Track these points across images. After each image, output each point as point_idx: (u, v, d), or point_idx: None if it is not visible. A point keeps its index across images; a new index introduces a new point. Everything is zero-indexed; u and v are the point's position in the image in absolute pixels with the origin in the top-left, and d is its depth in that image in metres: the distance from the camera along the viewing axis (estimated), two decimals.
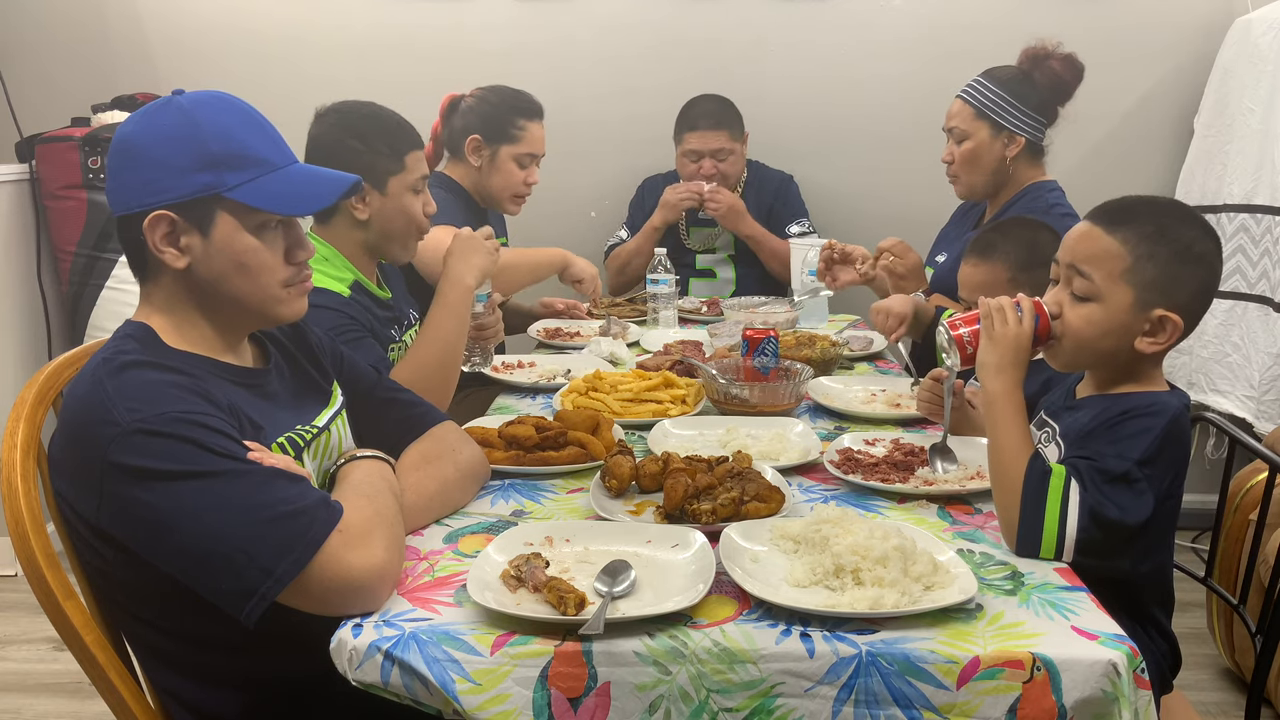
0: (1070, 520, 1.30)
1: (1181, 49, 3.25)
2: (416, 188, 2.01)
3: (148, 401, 1.16)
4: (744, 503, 1.42)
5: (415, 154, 2.00)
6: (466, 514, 1.47)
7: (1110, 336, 1.41)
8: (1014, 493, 1.33)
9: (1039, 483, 1.32)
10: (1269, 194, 2.89)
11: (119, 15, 3.38)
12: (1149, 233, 1.39)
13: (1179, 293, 1.38)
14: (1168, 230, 1.39)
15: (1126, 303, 1.39)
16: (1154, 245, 1.38)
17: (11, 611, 2.91)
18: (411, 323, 2.17)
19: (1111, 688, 1.09)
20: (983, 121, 2.38)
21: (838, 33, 3.33)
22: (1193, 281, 1.39)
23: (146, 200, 1.24)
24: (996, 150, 2.39)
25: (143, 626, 1.29)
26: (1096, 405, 1.43)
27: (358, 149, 1.92)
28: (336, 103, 2.00)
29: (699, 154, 3.08)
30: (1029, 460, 1.34)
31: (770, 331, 2.10)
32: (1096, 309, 1.40)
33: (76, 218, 3.07)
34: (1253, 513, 2.24)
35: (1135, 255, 1.38)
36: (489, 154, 2.65)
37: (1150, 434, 1.34)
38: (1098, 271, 1.40)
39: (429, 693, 1.11)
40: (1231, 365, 3.03)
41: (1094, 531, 1.30)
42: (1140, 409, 1.37)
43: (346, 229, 1.97)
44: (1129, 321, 1.39)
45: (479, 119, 2.64)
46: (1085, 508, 1.30)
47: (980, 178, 2.43)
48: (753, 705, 1.11)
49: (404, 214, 2.00)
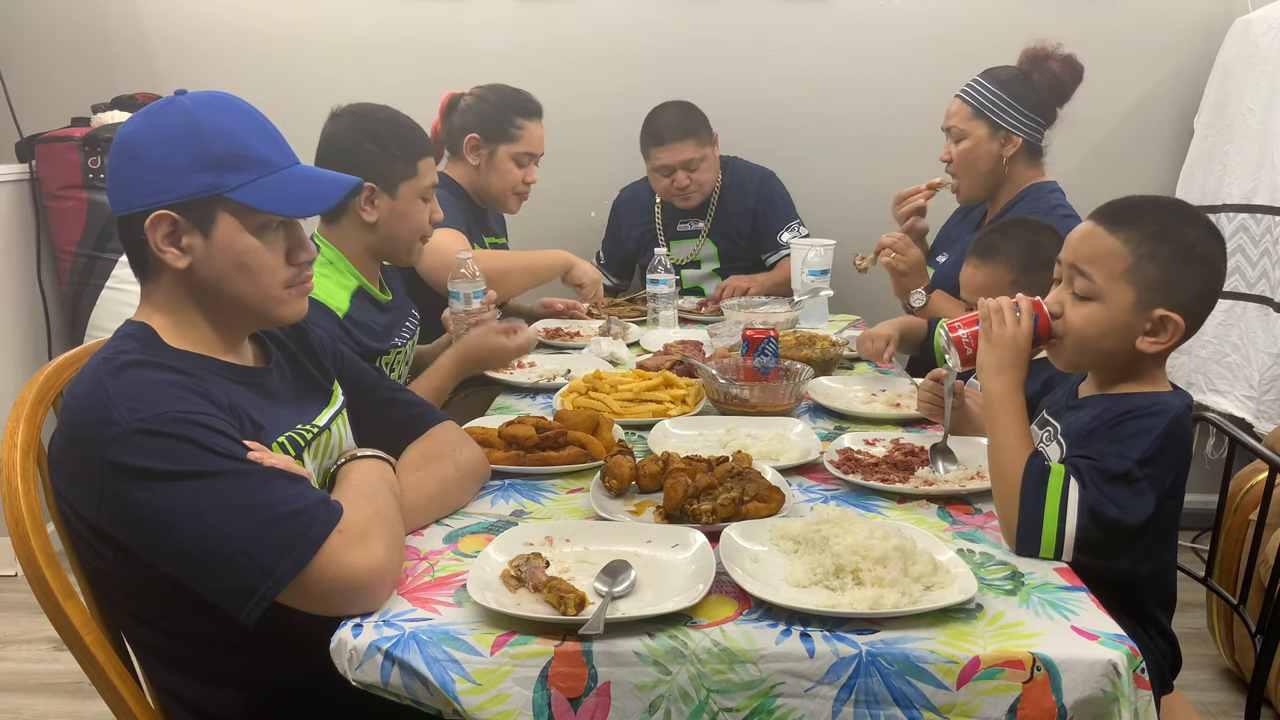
0: (1070, 519, 1.30)
1: (1181, 49, 3.25)
2: (426, 195, 2.01)
3: (148, 401, 1.16)
4: (744, 503, 1.42)
5: (427, 160, 2.01)
6: (466, 514, 1.47)
7: (1111, 336, 1.41)
8: (1013, 492, 1.33)
9: (1038, 481, 1.32)
10: (1269, 194, 2.89)
11: (119, 15, 3.38)
12: (1151, 232, 1.39)
13: (1180, 293, 1.38)
14: (1170, 230, 1.39)
15: (1128, 302, 1.39)
16: (1156, 245, 1.38)
17: (11, 611, 2.91)
18: (411, 325, 2.17)
19: (1111, 688, 1.09)
20: (980, 121, 2.39)
21: (837, 33, 3.33)
22: (1195, 282, 1.39)
23: (148, 200, 1.24)
24: (993, 150, 2.39)
25: (143, 626, 1.29)
26: (1098, 405, 1.43)
27: (373, 151, 1.92)
28: (353, 104, 2.00)
29: (670, 168, 3.00)
30: (1028, 459, 1.34)
31: (770, 331, 2.10)
32: (1097, 308, 1.40)
33: (76, 218, 3.07)
34: (1253, 513, 2.24)
35: (1137, 255, 1.38)
36: (487, 153, 2.64)
37: (1151, 434, 1.34)
38: (1099, 271, 1.40)
39: (429, 693, 1.11)
40: (1231, 365, 3.03)
41: (1094, 530, 1.30)
42: (1142, 409, 1.37)
43: (353, 231, 1.97)
44: (1130, 321, 1.39)
45: (477, 118, 2.64)
46: (1085, 506, 1.30)
47: (977, 178, 2.43)
48: (753, 705, 1.11)
49: (412, 219, 2.00)
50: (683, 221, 3.17)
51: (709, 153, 3.04)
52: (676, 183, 3.02)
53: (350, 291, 1.96)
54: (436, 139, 2.70)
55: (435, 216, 2.05)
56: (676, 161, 2.99)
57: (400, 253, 2.04)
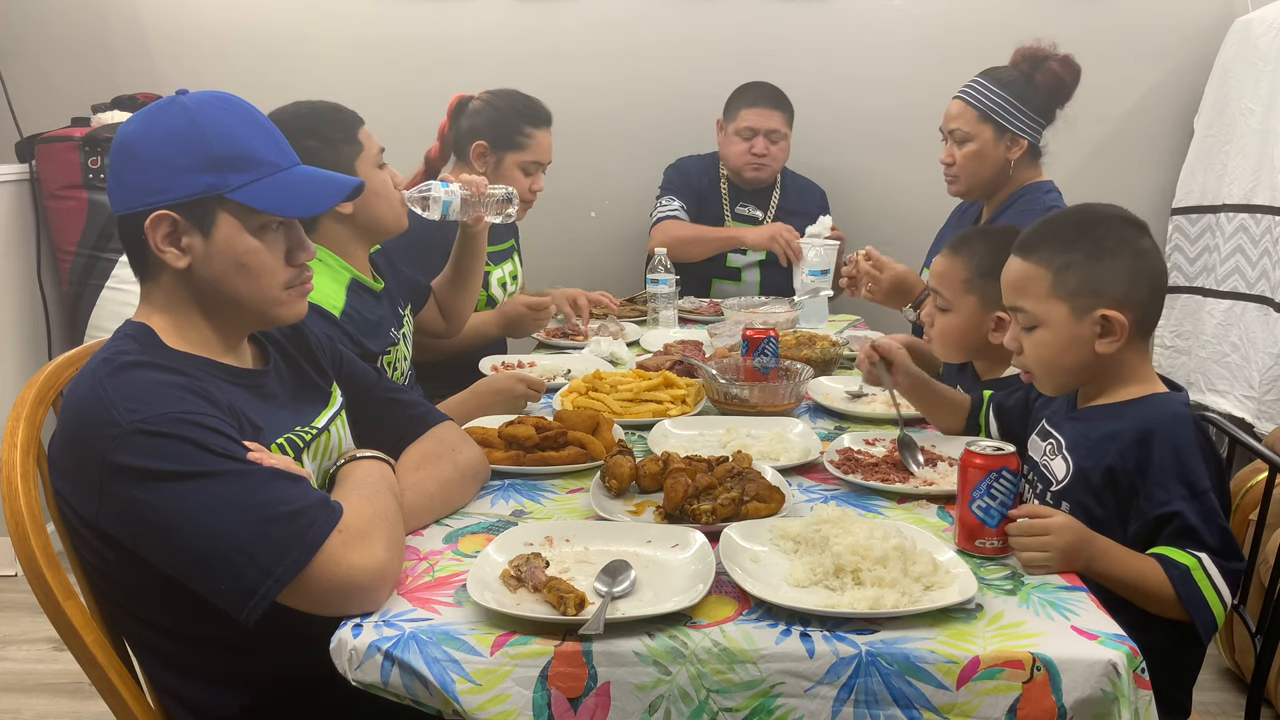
0: (1223, 589, 1.32)
1: (1181, 49, 3.26)
2: (379, 162, 2.00)
3: (147, 402, 1.16)
4: (744, 503, 1.42)
5: (364, 129, 1.98)
6: (466, 514, 1.47)
7: (1068, 352, 1.44)
8: (1177, 607, 1.32)
9: (1190, 589, 1.31)
10: (1269, 194, 2.89)
11: (119, 15, 3.39)
12: (1058, 245, 1.44)
13: (1110, 288, 1.41)
14: (1075, 237, 1.44)
15: (1065, 316, 1.43)
16: (1067, 254, 1.42)
17: (11, 611, 2.91)
18: (401, 313, 2.16)
19: (1111, 688, 1.09)
20: (987, 124, 2.37)
21: (838, 33, 3.33)
22: (1119, 273, 1.42)
23: (148, 200, 1.24)
24: (1000, 152, 2.38)
25: (143, 626, 1.29)
26: (1103, 419, 1.44)
27: (316, 146, 1.87)
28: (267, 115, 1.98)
29: (754, 130, 3.07)
30: (1167, 575, 1.32)
31: (770, 331, 2.10)
32: (1043, 333, 1.45)
33: (76, 218, 3.07)
34: (1253, 513, 2.24)
35: (1053, 270, 1.43)
36: (494, 160, 2.60)
37: (1190, 452, 1.35)
38: (1029, 299, 1.45)
39: (429, 693, 1.11)
40: (1231, 365, 3.03)
41: (1231, 567, 1.33)
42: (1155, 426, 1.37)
43: (334, 226, 1.96)
44: (1077, 332, 1.43)
45: (486, 124, 2.60)
46: (1222, 570, 1.32)
47: (982, 179, 2.42)
48: (753, 705, 1.11)
49: (382, 191, 1.99)
50: (742, 204, 3.19)
51: (788, 135, 3.13)
52: (755, 148, 3.08)
53: (345, 286, 1.95)
54: (444, 140, 2.69)
55: (398, 179, 2.04)
56: (763, 126, 3.08)
57: (387, 226, 2.03)
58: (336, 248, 1.98)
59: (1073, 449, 1.45)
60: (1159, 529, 1.35)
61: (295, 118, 1.91)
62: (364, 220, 1.98)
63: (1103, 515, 1.37)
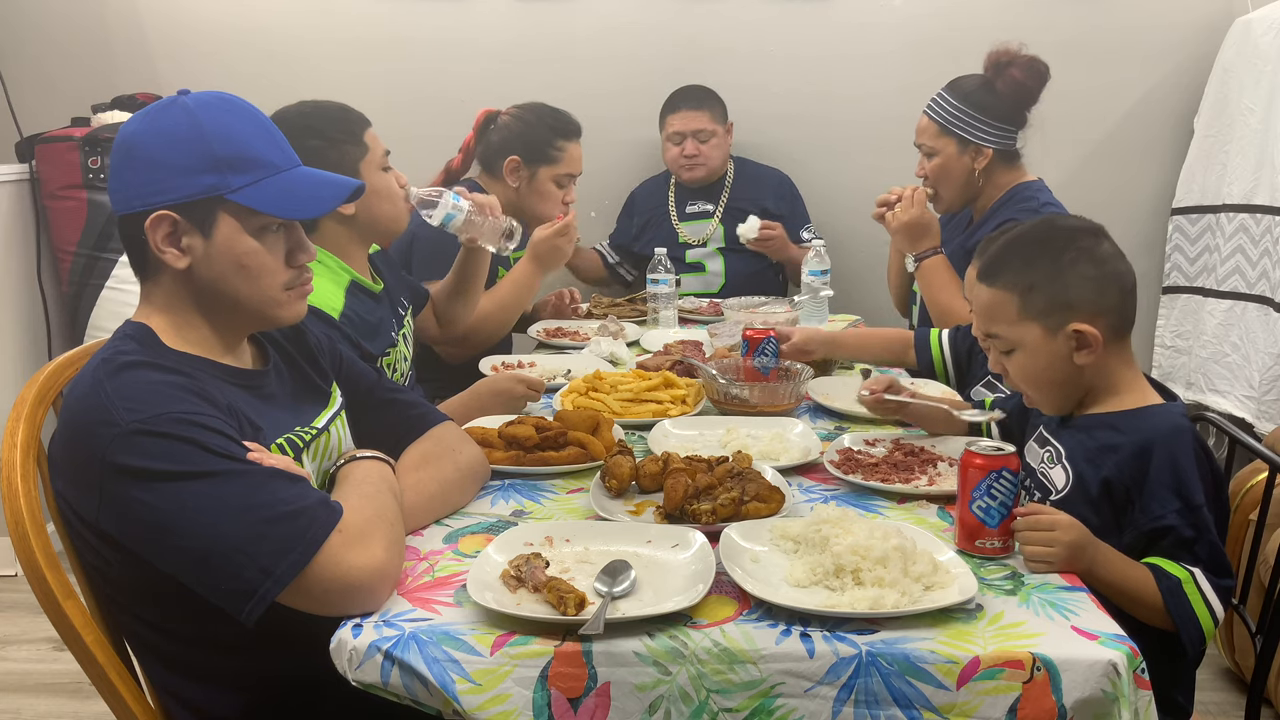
0: (1214, 601, 1.32)
1: (1181, 49, 3.25)
2: (384, 165, 2.00)
3: (147, 402, 1.16)
4: (744, 503, 1.42)
5: (370, 131, 1.99)
6: (466, 514, 1.47)
7: (1050, 370, 1.45)
8: (1163, 616, 1.33)
9: (1179, 600, 1.32)
10: (1269, 194, 2.89)
11: (119, 15, 3.38)
12: (1019, 266, 1.45)
13: (1078, 300, 1.42)
14: (1034, 256, 1.44)
15: (1039, 336, 1.44)
16: (1028, 275, 1.43)
17: (11, 611, 2.91)
18: (402, 314, 2.16)
19: (1111, 688, 1.09)
20: (949, 137, 2.39)
21: (837, 33, 3.33)
22: (1083, 284, 1.42)
23: (149, 200, 1.24)
24: (965, 164, 2.39)
25: (143, 626, 1.29)
26: (1099, 428, 1.44)
27: (320, 146, 1.88)
28: (273, 113, 1.98)
29: (681, 135, 3.13)
30: (1158, 585, 1.33)
31: (770, 331, 2.10)
32: (1020, 355, 1.46)
33: (76, 218, 3.07)
34: (1253, 513, 2.24)
35: (1019, 292, 1.44)
36: (528, 174, 2.64)
37: (1187, 465, 1.35)
38: (1000, 325, 1.47)
39: (429, 693, 1.11)
40: (1231, 365, 3.02)
41: (1223, 581, 1.34)
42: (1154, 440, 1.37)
43: (334, 227, 1.96)
44: (1054, 349, 1.43)
45: (517, 139, 2.63)
46: (1214, 585, 1.33)
47: (953, 191, 2.44)
48: (753, 705, 1.11)
49: (384, 193, 1.99)
50: (692, 203, 3.22)
51: (720, 131, 3.15)
52: (685, 150, 3.12)
53: (344, 287, 1.95)
54: (467, 151, 2.70)
55: (402, 180, 2.04)
56: (688, 129, 3.12)
57: (389, 228, 2.03)
58: (336, 249, 1.98)
59: (1071, 458, 1.46)
60: (1153, 541, 1.36)
61: (300, 117, 1.91)
62: (365, 222, 1.98)
63: (1098, 525, 1.37)
